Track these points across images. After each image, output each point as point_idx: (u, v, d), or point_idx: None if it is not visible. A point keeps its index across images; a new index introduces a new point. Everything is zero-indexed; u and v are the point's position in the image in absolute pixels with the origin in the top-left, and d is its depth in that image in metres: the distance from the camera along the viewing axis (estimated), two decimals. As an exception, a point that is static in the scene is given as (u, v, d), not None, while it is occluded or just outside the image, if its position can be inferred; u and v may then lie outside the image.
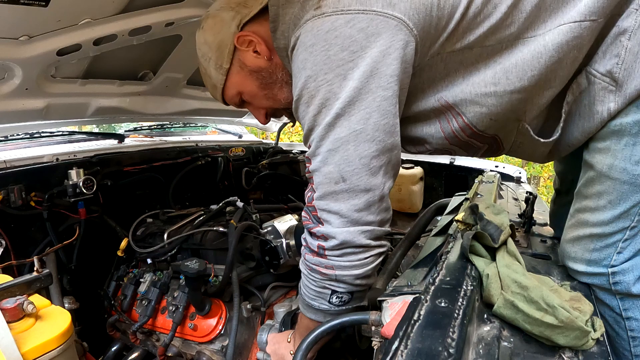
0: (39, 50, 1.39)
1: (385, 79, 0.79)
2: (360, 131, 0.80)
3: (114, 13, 1.44)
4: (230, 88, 1.08)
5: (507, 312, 0.74)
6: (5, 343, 0.86)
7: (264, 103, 1.10)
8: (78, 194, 1.68)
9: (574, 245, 0.95)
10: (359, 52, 0.78)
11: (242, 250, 1.55)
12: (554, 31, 0.80)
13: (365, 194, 0.84)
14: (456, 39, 0.83)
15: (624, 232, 0.87)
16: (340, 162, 0.82)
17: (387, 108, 0.80)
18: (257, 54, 1.01)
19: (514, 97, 0.86)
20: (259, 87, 1.06)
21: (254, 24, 1.00)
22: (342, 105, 0.80)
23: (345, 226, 0.85)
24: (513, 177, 2.32)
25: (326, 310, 0.95)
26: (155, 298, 1.57)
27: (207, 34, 1.04)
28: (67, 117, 1.88)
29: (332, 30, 0.79)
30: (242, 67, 1.03)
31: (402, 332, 0.62)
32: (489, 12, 0.81)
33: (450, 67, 0.86)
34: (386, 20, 0.77)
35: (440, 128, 0.95)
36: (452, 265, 0.85)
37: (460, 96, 0.88)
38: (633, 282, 0.89)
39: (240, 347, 1.43)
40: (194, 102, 2.34)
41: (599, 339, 0.73)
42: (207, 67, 1.06)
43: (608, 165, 0.85)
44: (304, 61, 0.83)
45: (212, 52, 1.03)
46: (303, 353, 0.86)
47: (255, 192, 2.53)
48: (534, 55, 0.81)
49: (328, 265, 0.89)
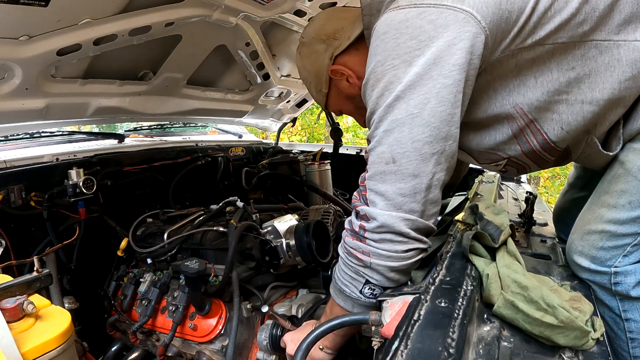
0: (39, 50, 1.39)
1: (447, 67, 0.80)
2: (416, 115, 0.81)
3: (114, 13, 1.44)
4: (332, 106, 1.23)
5: (507, 312, 0.74)
6: (5, 343, 0.86)
7: (362, 118, 1.19)
8: (78, 194, 1.68)
9: (583, 239, 0.95)
10: (426, 42, 0.80)
11: (242, 250, 1.54)
12: (629, 45, 0.81)
13: (413, 179, 0.83)
14: (527, 33, 0.83)
15: (635, 237, 0.88)
16: (393, 143, 0.83)
17: (446, 96, 0.81)
18: (350, 84, 1.12)
19: (585, 108, 0.86)
20: (355, 108, 1.19)
21: (345, 55, 1.09)
22: (402, 89, 0.82)
23: (388, 210, 0.84)
24: (513, 177, 2.32)
25: (356, 299, 0.94)
26: (155, 298, 1.56)
27: (305, 61, 1.16)
28: (67, 117, 1.88)
29: (404, 21, 0.83)
30: (339, 93, 1.17)
31: (402, 332, 0.62)
32: (559, 7, 0.81)
33: (522, 65, 0.87)
34: (455, 14, 0.80)
35: (515, 138, 0.95)
36: (452, 265, 0.85)
37: (535, 104, 0.88)
38: (633, 285, 0.89)
39: (240, 347, 1.43)
40: (194, 102, 2.34)
41: (599, 339, 0.73)
42: (310, 89, 1.22)
43: (639, 166, 0.85)
44: (376, 47, 0.87)
45: (311, 78, 1.17)
46: (303, 353, 0.86)
47: (255, 192, 2.52)
48: (607, 67, 0.82)
49: (365, 251, 0.88)
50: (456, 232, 1.03)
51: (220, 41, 1.99)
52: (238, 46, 2.07)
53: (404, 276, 0.90)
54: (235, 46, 2.07)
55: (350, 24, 1.07)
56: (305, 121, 9.85)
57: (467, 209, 1.03)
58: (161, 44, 1.80)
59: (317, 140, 10.07)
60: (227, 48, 2.07)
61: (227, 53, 2.11)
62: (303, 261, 1.50)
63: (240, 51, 2.12)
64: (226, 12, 1.75)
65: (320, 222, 1.57)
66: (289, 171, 2.62)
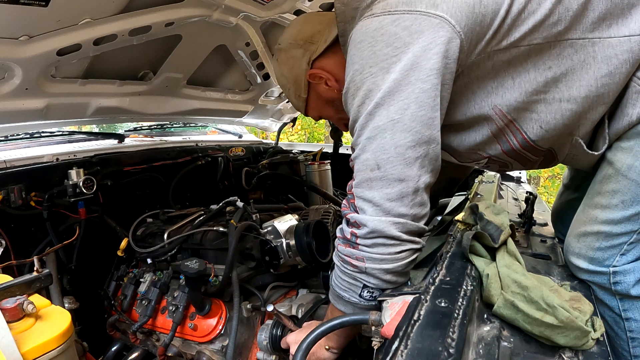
0: (39, 50, 1.39)
1: (424, 72, 0.80)
2: (397, 120, 0.82)
3: (114, 13, 1.44)
4: (311, 111, 1.22)
5: (507, 312, 0.74)
6: (5, 343, 0.86)
7: (342, 122, 1.22)
8: (78, 193, 1.68)
9: (579, 241, 0.95)
10: (402, 48, 0.81)
11: (242, 250, 1.54)
12: (604, 42, 0.81)
13: (399, 183, 0.84)
14: (502, 36, 0.84)
15: (631, 235, 0.88)
16: (377, 150, 0.84)
17: (425, 100, 0.82)
18: (329, 87, 1.11)
19: (564, 106, 0.87)
20: (335, 112, 1.18)
21: (322, 59, 1.09)
22: (382, 95, 0.82)
23: (378, 215, 0.85)
24: (513, 177, 2.33)
25: (356, 303, 0.94)
26: (155, 298, 1.56)
27: (283, 68, 1.15)
28: (67, 117, 1.88)
29: (379, 29, 0.84)
30: (318, 97, 1.16)
31: (402, 332, 0.62)
32: (533, 8, 0.82)
33: (499, 66, 0.87)
34: (429, 19, 0.80)
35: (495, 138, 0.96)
36: (452, 265, 0.85)
37: (513, 104, 0.89)
38: (632, 284, 0.89)
39: (240, 347, 1.43)
40: (194, 102, 2.34)
41: (599, 339, 0.73)
42: (289, 95, 1.21)
43: (628, 165, 0.85)
44: (353, 57, 0.88)
45: (290, 84, 1.16)
46: (303, 353, 0.86)
47: (255, 192, 2.52)
48: (582, 65, 0.83)
49: (359, 257, 0.88)
50: (456, 232, 1.03)
51: (220, 41, 1.99)
52: (238, 46, 2.08)
53: (400, 277, 0.91)
54: (235, 46, 2.07)
55: (326, 27, 1.08)
56: (305, 121, 9.85)
57: (467, 209, 1.03)
58: (161, 44, 1.80)
59: (317, 140, 10.07)
60: (227, 48, 2.07)
61: (227, 53, 2.12)
62: (303, 261, 1.50)
63: (240, 51, 2.12)
64: (226, 12, 1.75)
65: (320, 222, 1.57)
66: (289, 171, 2.62)
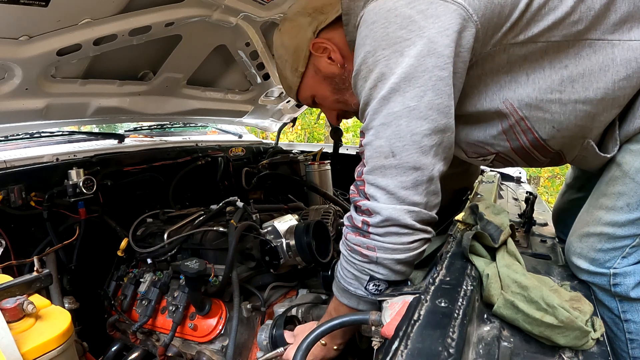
0: (39, 50, 1.38)
1: (442, 59, 0.79)
2: (413, 108, 0.80)
3: (114, 13, 1.44)
4: (305, 90, 1.14)
5: (507, 312, 0.74)
6: (5, 343, 0.86)
7: (336, 106, 1.15)
8: (78, 194, 1.68)
9: (582, 242, 0.95)
10: (416, 32, 0.79)
11: (242, 250, 1.54)
12: (624, 45, 0.80)
13: (414, 172, 0.82)
14: (520, 29, 0.82)
15: (634, 239, 0.87)
16: (392, 137, 0.82)
17: (443, 88, 0.80)
18: (331, 61, 1.06)
19: (578, 108, 0.85)
20: (332, 92, 1.11)
21: (329, 30, 1.04)
22: (397, 81, 0.80)
23: (392, 203, 0.83)
24: (513, 177, 2.33)
25: (361, 296, 0.92)
26: (155, 298, 1.56)
27: (285, 37, 1.09)
28: (67, 117, 1.88)
29: (393, 10, 0.81)
30: (316, 72, 1.09)
31: (402, 332, 0.62)
32: (554, 4, 0.80)
33: (514, 61, 0.86)
34: (446, 5, 0.79)
35: (504, 134, 0.94)
36: (452, 265, 0.85)
37: (525, 100, 0.87)
38: (632, 287, 0.89)
39: (240, 347, 1.43)
40: (194, 102, 2.34)
41: (599, 339, 0.73)
42: (284, 69, 1.13)
43: (636, 168, 0.85)
44: (364, 37, 0.85)
45: (288, 55, 1.09)
46: (303, 353, 0.86)
47: (255, 192, 2.52)
48: (601, 67, 0.81)
49: (370, 246, 0.87)
50: (456, 232, 1.03)
51: (220, 41, 1.99)
52: (238, 46, 2.07)
53: (409, 268, 0.90)
54: (235, 46, 2.07)
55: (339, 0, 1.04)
56: (305, 121, 9.85)
57: (467, 209, 1.03)
58: (161, 44, 1.80)
59: (317, 140, 10.07)
60: (227, 48, 2.07)
61: (227, 53, 2.12)
62: (303, 261, 1.50)
63: (240, 51, 2.12)
64: (226, 12, 1.75)
65: (320, 222, 1.57)
66: (289, 171, 2.62)
